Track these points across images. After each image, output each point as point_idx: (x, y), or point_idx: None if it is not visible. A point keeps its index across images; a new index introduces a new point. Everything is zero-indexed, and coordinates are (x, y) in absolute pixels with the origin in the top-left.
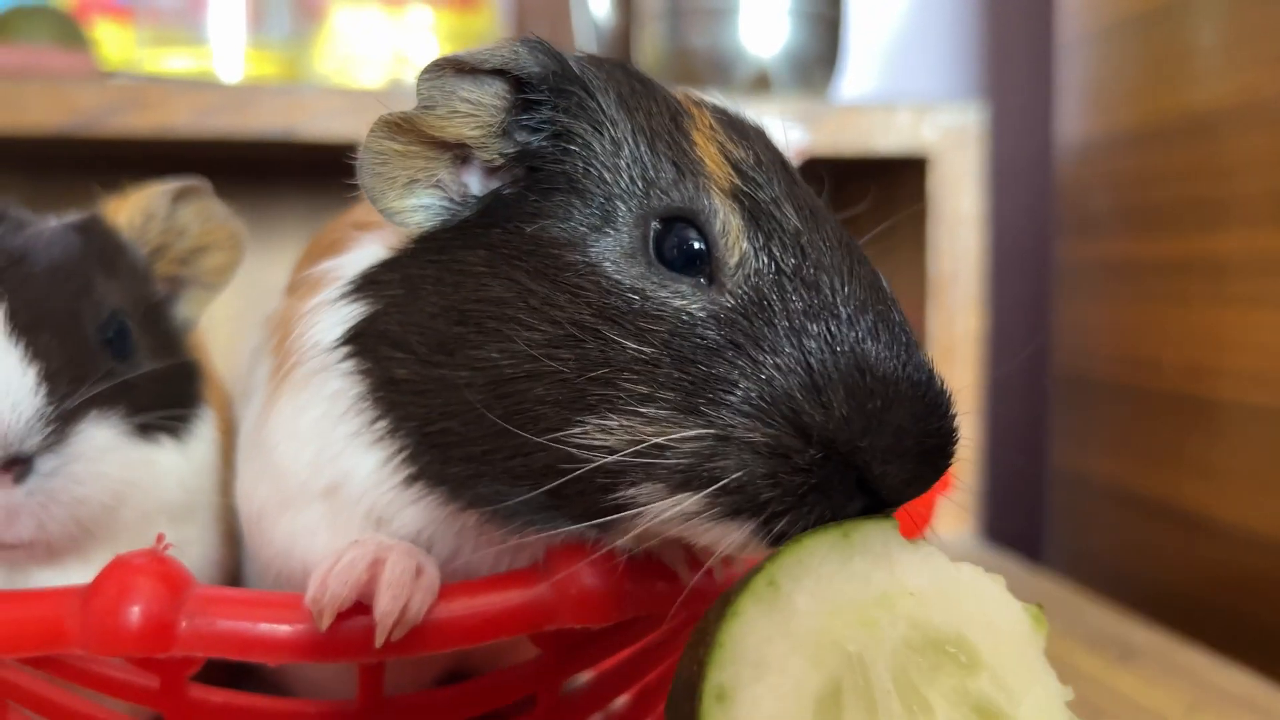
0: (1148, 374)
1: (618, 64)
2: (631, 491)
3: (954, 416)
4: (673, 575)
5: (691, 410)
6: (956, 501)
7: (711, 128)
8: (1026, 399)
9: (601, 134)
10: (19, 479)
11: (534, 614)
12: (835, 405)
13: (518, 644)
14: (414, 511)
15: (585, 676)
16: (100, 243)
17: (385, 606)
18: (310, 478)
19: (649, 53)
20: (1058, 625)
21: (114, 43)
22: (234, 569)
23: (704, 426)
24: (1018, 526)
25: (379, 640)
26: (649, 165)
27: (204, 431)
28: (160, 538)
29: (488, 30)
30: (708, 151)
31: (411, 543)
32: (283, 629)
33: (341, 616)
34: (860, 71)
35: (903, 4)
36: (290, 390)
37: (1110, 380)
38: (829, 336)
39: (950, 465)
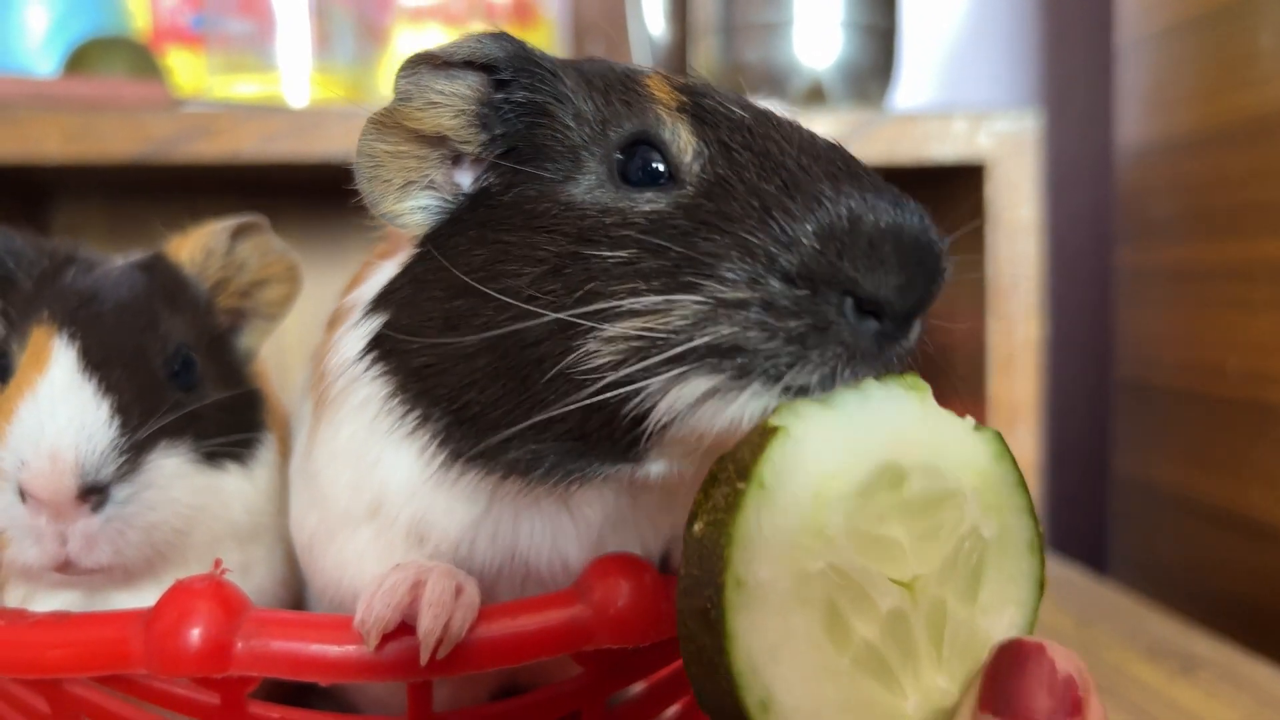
0: (1211, 380)
1: (585, 59)
2: (643, 397)
3: (930, 224)
4: None
5: (677, 290)
6: None
7: (664, 75)
8: (1090, 407)
9: (563, 103)
10: (96, 508)
11: (573, 634)
12: (807, 242)
13: (565, 661)
14: (454, 512)
15: (636, 689)
16: (164, 280)
17: (427, 625)
18: (351, 501)
19: (703, 67)
20: (1119, 636)
21: (186, 70)
22: (299, 587)
23: (690, 299)
24: (1082, 535)
25: (423, 658)
26: (605, 111)
27: (267, 456)
28: (218, 562)
29: (547, 47)
30: (657, 86)
31: (453, 557)
32: (333, 650)
33: (388, 637)
34: (918, 81)
35: (959, 13)
36: (327, 415)
37: (1174, 387)
38: (788, 189)
39: (942, 265)
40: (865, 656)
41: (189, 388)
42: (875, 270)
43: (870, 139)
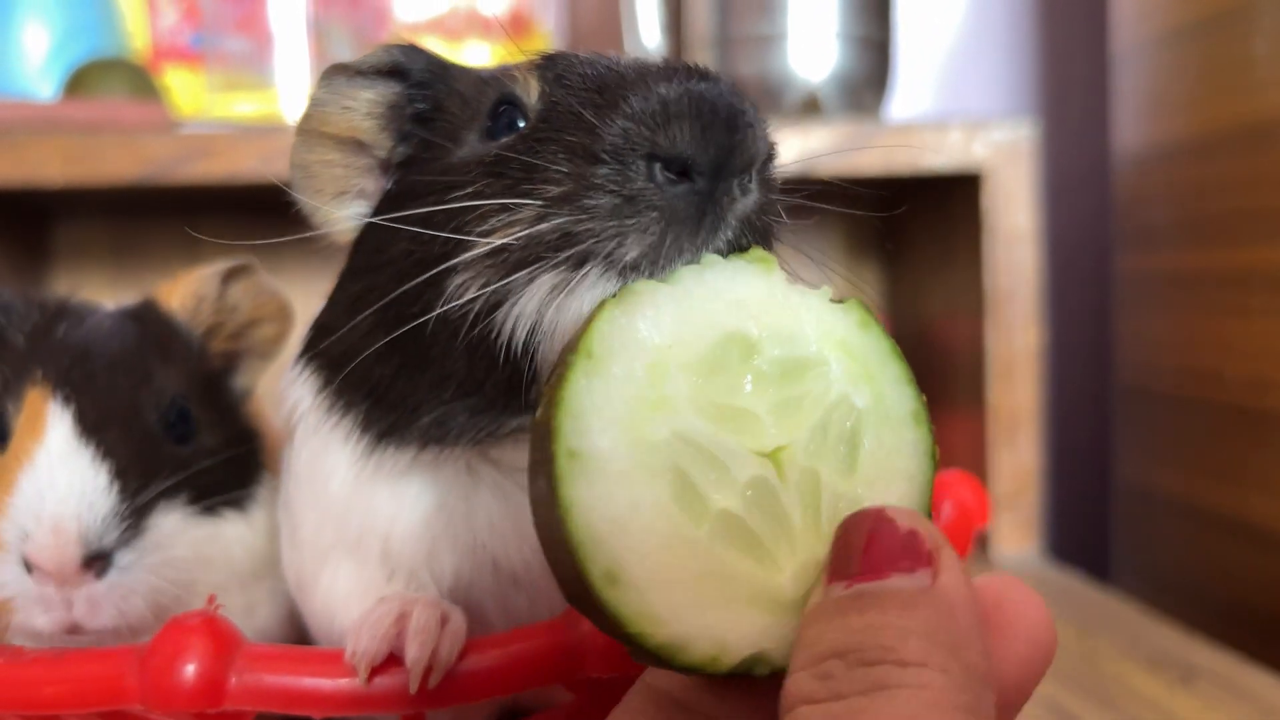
0: (1211, 387)
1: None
2: (510, 321)
3: (737, 93)
4: None
5: (516, 197)
6: (1020, 518)
7: (539, 53)
8: (1090, 414)
9: (452, 97)
10: (100, 574)
11: (564, 662)
12: (616, 124)
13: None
14: (401, 508)
15: None
16: (155, 329)
17: (414, 654)
18: (317, 533)
19: None
20: (1119, 646)
21: (185, 89)
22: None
23: (525, 203)
24: (1084, 543)
25: (412, 687)
26: (480, 92)
27: (264, 496)
28: (211, 598)
29: None
30: (529, 57)
31: (428, 575)
32: (325, 683)
33: (377, 670)
34: (915, 91)
35: (955, 23)
36: (291, 443)
37: (1174, 393)
38: (605, 91)
39: (746, 120)
40: (725, 528)
41: (185, 439)
42: (671, 127)
43: (866, 150)
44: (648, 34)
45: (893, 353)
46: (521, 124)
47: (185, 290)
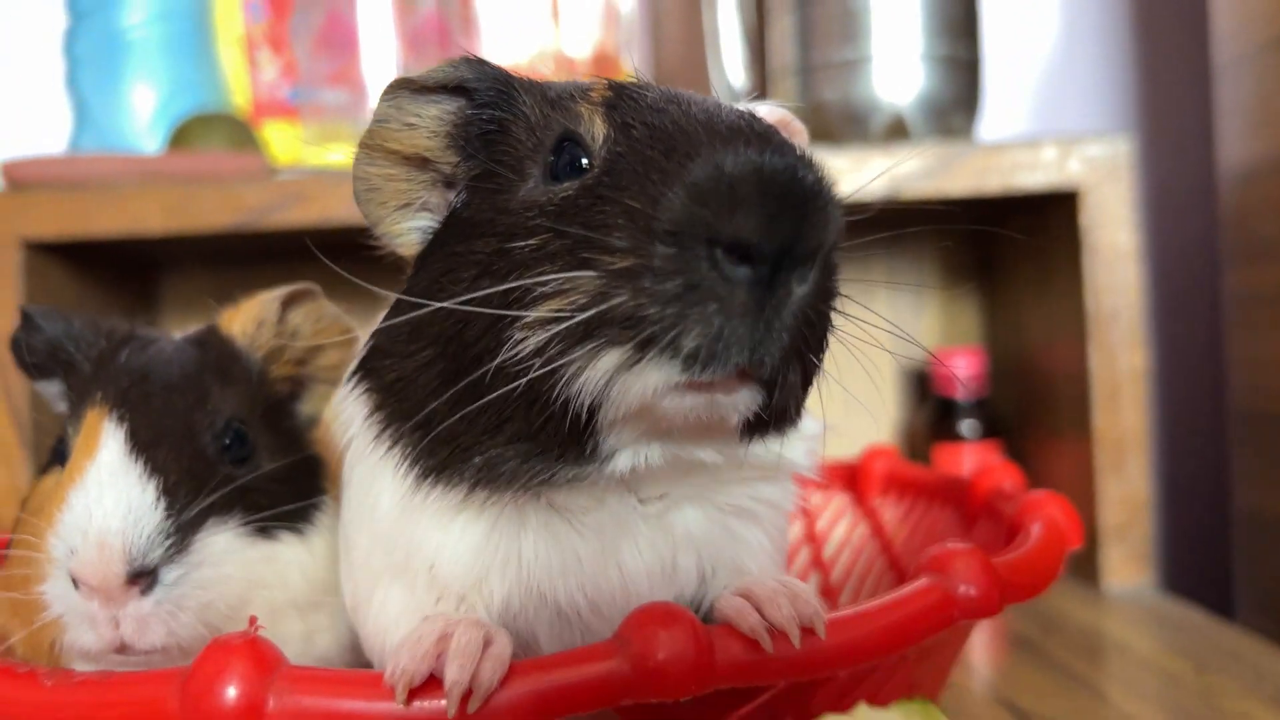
0: None
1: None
2: (566, 378)
3: (804, 163)
4: (755, 645)
5: (578, 266)
6: (1132, 550)
7: (609, 80)
8: (1205, 439)
9: (518, 120)
10: (146, 591)
11: (610, 688)
12: (675, 198)
13: (609, 712)
14: (449, 537)
15: None
16: (216, 354)
17: (453, 676)
18: (368, 556)
19: None
20: (1242, 683)
21: (283, 141)
22: None
23: (588, 274)
24: (1204, 575)
25: (450, 710)
26: (545, 120)
27: (326, 522)
28: (253, 620)
29: None
30: (595, 87)
31: (476, 600)
32: (363, 705)
33: (416, 692)
34: (1009, 111)
35: (1048, 41)
36: (345, 466)
37: None
38: (668, 153)
39: (816, 202)
40: None
41: (241, 460)
42: (733, 211)
43: (956, 172)
44: (732, 69)
45: None
46: (584, 162)
47: (246, 315)
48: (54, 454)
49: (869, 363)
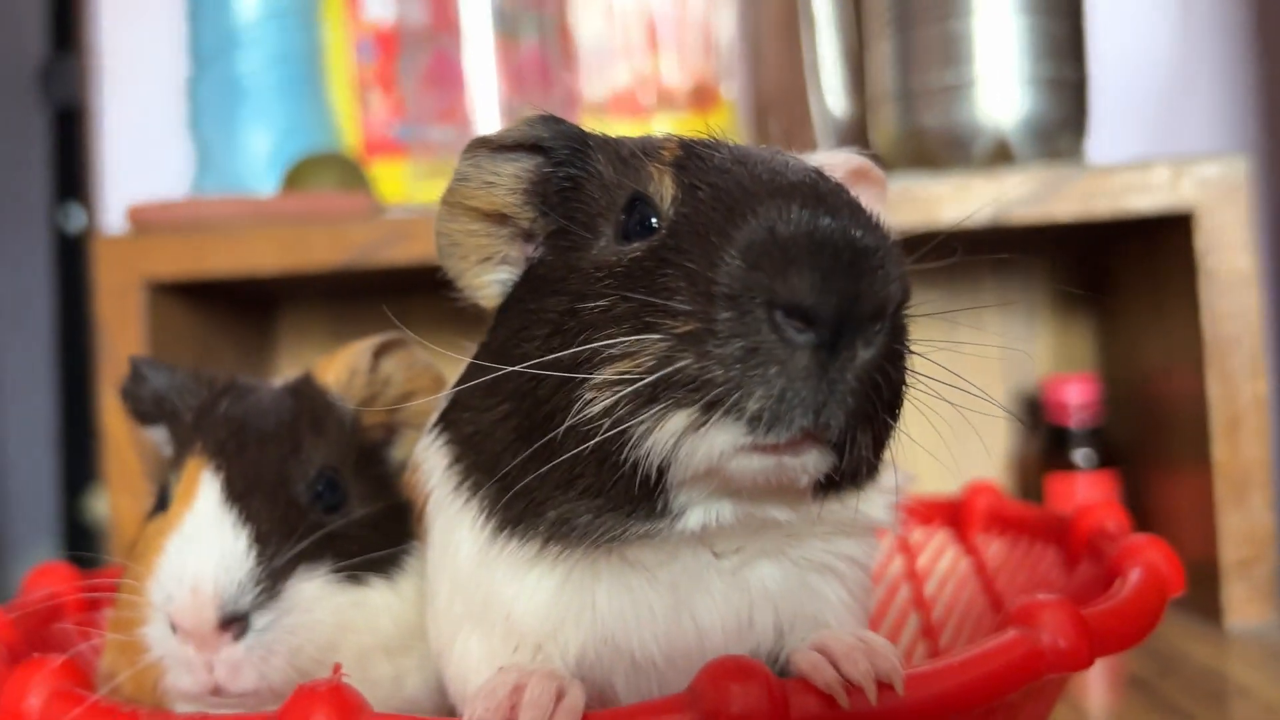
0: None
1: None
2: (634, 440)
3: (861, 223)
4: (831, 700)
5: (644, 330)
6: (1255, 587)
7: (682, 138)
8: None
9: (591, 177)
10: (238, 636)
11: None
12: (732, 261)
13: None
14: (524, 589)
15: None
16: (310, 403)
17: None
18: (450, 603)
19: (882, 137)
20: None
21: (392, 179)
22: None
23: (654, 337)
24: None
25: None
26: (618, 179)
27: (415, 566)
28: (337, 668)
29: (729, 129)
30: (667, 146)
31: (552, 650)
32: None
33: None
34: (1121, 133)
35: (1162, 59)
36: (428, 515)
37: None
38: (730, 214)
39: (872, 263)
40: None
41: (333, 507)
42: (786, 273)
43: (1063, 195)
44: (832, 96)
45: None
46: (653, 222)
47: (340, 364)
48: (158, 501)
49: (979, 392)
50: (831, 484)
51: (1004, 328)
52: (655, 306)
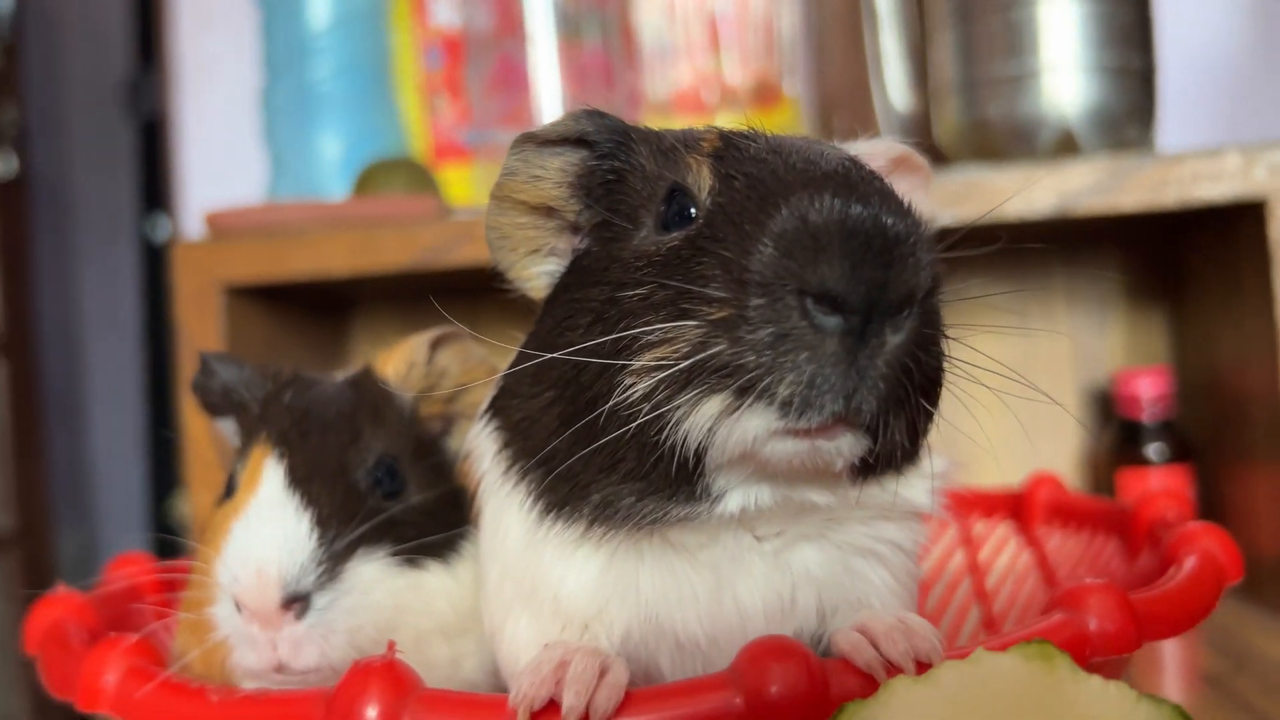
0: None
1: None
2: (672, 424)
3: (892, 210)
4: (870, 680)
5: (680, 317)
6: None
7: (722, 130)
8: None
9: (634, 170)
10: (300, 615)
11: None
12: (765, 249)
13: None
14: (570, 569)
15: None
16: (370, 394)
17: (569, 702)
18: (500, 585)
19: (945, 130)
20: None
21: (460, 183)
22: None
23: (689, 324)
24: None
25: None
26: (659, 171)
27: (471, 551)
28: (391, 645)
29: (792, 126)
30: (707, 138)
31: (598, 629)
32: None
33: (539, 716)
34: (1194, 120)
35: (1234, 45)
36: (480, 499)
37: None
38: (763, 203)
39: (903, 249)
40: None
41: (392, 494)
42: (816, 260)
43: (1130, 185)
44: (895, 91)
45: None
46: (692, 212)
47: (398, 357)
48: (227, 488)
49: (1049, 386)
50: (868, 468)
51: (1074, 321)
52: (691, 294)
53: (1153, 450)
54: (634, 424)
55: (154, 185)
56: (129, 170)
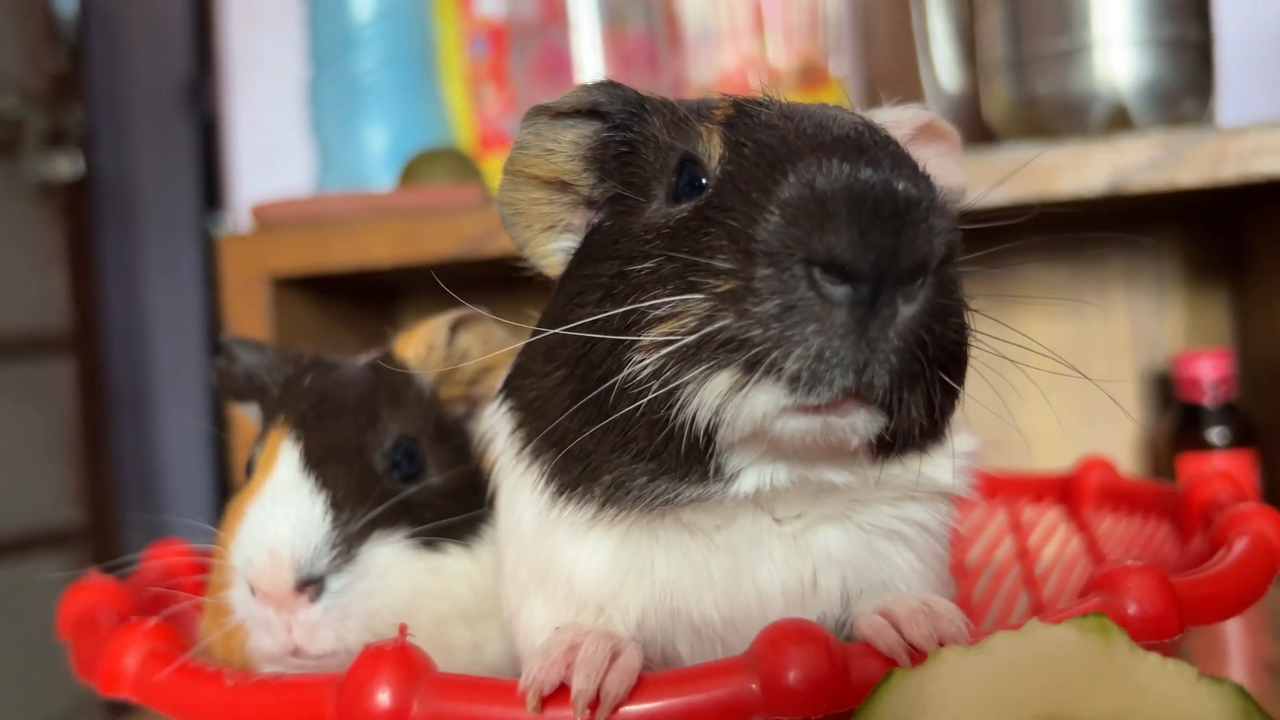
0: None
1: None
2: (681, 400)
3: (905, 174)
4: (893, 664)
5: (687, 290)
6: None
7: (734, 98)
8: None
9: (646, 141)
10: (314, 598)
11: (738, 706)
12: (771, 218)
13: None
14: (584, 550)
15: None
16: (389, 377)
17: (579, 686)
18: (516, 568)
19: (995, 107)
20: None
21: None
22: None
23: (696, 297)
24: None
25: (575, 718)
26: (670, 141)
27: (492, 535)
28: (404, 629)
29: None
30: (720, 105)
31: (611, 612)
32: (499, 711)
33: (548, 700)
34: (1254, 94)
35: None
36: (496, 482)
37: None
38: (770, 170)
39: (915, 215)
40: None
41: (411, 476)
42: (823, 228)
43: (1187, 161)
44: (943, 69)
45: None
46: (703, 182)
47: (418, 340)
48: (247, 472)
49: (1106, 369)
50: (887, 446)
51: (1132, 302)
52: (698, 266)
53: (1215, 434)
54: (643, 401)
55: (213, 183)
56: (190, 169)
